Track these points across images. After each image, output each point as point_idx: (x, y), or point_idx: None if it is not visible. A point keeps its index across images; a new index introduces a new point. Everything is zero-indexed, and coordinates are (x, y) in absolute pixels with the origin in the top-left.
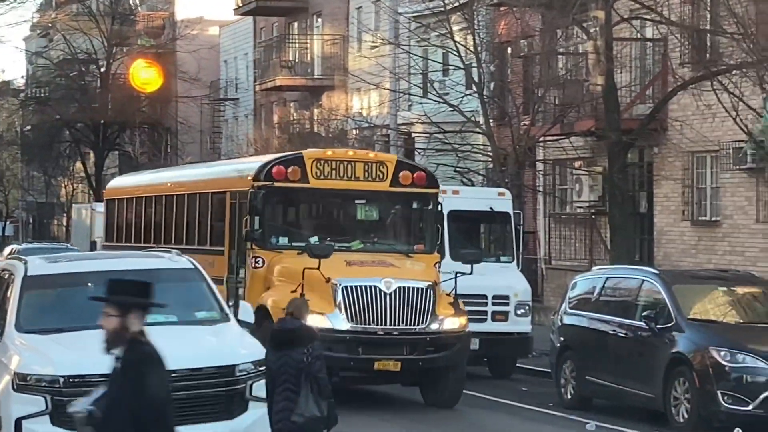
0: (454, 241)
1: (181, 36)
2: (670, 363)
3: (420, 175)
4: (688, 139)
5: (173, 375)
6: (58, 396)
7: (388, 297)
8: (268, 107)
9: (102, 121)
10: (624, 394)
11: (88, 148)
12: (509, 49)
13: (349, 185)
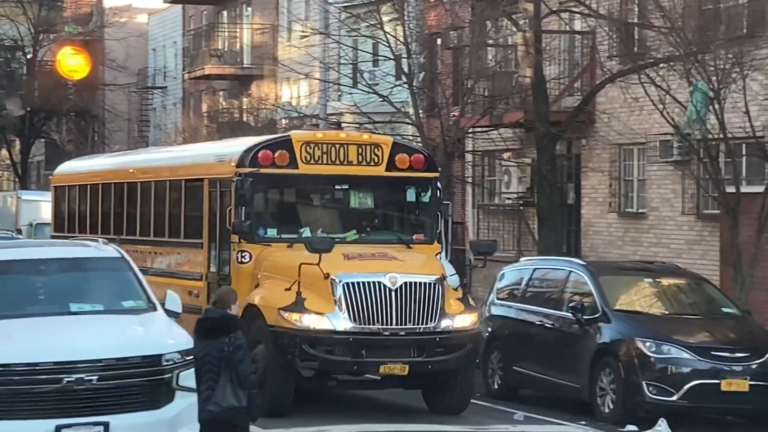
0: None
1: (109, 23)
2: (596, 354)
3: (418, 158)
4: (615, 131)
5: (99, 364)
6: None
7: (394, 294)
8: (196, 96)
9: (28, 108)
10: (551, 384)
11: (14, 136)
12: (439, 41)
13: (341, 170)
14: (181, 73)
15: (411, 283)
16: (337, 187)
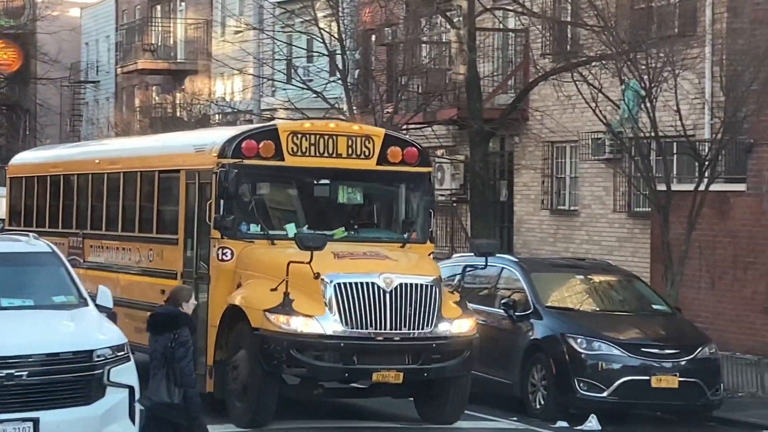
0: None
1: (42, 17)
2: (527, 350)
3: (411, 152)
4: (548, 129)
5: (29, 359)
6: None
7: (388, 296)
8: (129, 90)
9: None
10: (483, 380)
11: None
12: (373, 37)
13: (330, 163)
14: (114, 67)
15: (407, 284)
16: (325, 181)
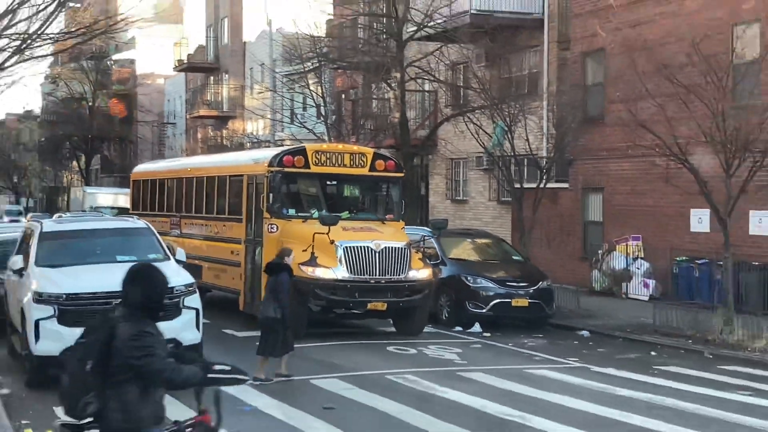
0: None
1: (140, 84)
2: (438, 284)
3: (390, 164)
4: (450, 151)
5: None
6: (61, 306)
7: (378, 254)
8: (194, 129)
9: (89, 136)
10: None
11: (81, 152)
12: (343, 95)
13: (339, 170)
14: (185, 114)
15: (389, 247)
16: (335, 182)
